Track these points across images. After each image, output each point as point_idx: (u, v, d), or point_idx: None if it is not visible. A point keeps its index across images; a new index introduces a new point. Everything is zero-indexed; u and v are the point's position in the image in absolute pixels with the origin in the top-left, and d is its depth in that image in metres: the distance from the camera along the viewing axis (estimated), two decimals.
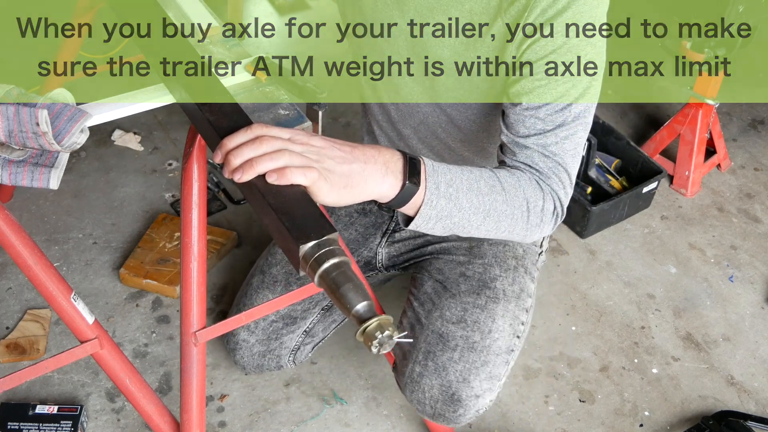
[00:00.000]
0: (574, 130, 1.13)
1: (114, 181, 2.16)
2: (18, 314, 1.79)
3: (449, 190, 1.01)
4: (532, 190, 1.10)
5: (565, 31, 1.08)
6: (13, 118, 0.95)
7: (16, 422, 1.55)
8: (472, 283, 1.42)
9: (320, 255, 0.83)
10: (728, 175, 2.40)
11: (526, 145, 1.13)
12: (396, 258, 1.59)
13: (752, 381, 1.82)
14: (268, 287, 1.57)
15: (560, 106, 1.11)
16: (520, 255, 1.48)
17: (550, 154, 1.12)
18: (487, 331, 1.37)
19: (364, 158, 0.95)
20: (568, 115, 1.12)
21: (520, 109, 1.12)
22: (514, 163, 1.14)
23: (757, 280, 2.07)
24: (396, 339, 0.80)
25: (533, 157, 1.13)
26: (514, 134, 1.13)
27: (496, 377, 1.38)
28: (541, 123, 1.12)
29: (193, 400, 1.21)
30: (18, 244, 1.07)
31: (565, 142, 1.13)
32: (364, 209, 1.62)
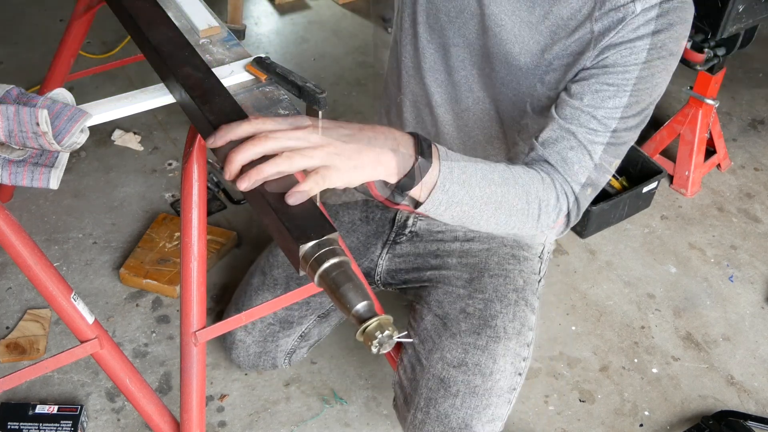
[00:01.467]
0: (622, 140, 1.13)
1: (114, 181, 2.16)
2: (18, 314, 1.79)
3: (463, 176, 0.98)
4: (546, 189, 1.09)
5: (651, 50, 1.09)
6: (13, 118, 0.95)
7: (16, 422, 1.55)
8: (473, 321, 1.38)
9: (320, 255, 0.83)
10: (728, 175, 2.40)
11: (575, 134, 1.11)
12: (395, 274, 1.57)
13: (752, 381, 1.82)
14: (268, 289, 1.56)
15: (619, 114, 1.11)
16: (520, 287, 1.45)
17: (591, 151, 1.12)
18: (489, 373, 1.34)
19: (373, 134, 0.92)
20: (623, 125, 1.12)
21: (579, 104, 1.12)
22: (546, 153, 1.13)
23: (757, 280, 2.07)
24: (396, 339, 0.80)
25: (572, 150, 1.12)
26: (565, 122, 1.12)
27: (499, 418, 1.36)
28: (596, 122, 1.11)
29: (193, 400, 1.21)
30: (18, 244, 1.07)
31: (609, 149, 1.13)
32: (367, 217, 1.59)
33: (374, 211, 1.59)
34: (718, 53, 2.09)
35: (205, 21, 1.23)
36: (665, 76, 1.12)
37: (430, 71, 1.33)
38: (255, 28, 2.84)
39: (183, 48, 1.09)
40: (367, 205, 1.60)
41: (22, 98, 1.00)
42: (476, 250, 1.49)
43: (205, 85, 1.03)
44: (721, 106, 2.56)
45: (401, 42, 1.36)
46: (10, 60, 2.54)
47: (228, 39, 1.22)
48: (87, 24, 1.68)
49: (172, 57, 1.07)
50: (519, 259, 1.48)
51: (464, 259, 1.48)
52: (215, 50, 1.19)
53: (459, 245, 1.50)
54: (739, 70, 2.81)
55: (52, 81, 1.76)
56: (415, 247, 1.54)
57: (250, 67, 1.15)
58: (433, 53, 1.31)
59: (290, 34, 2.83)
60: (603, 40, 1.11)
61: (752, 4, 1.92)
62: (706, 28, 1.97)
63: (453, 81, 1.31)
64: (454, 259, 1.49)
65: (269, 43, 2.78)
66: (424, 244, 1.53)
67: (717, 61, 2.12)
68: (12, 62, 2.53)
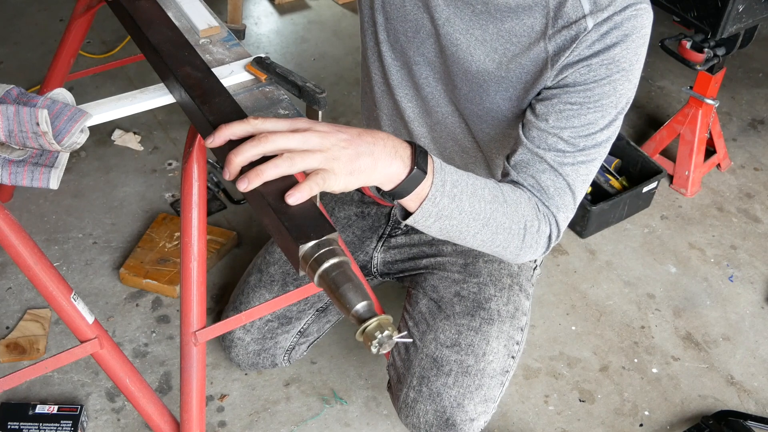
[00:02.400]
0: (592, 156, 1.13)
1: (114, 180, 2.16)
2: (18, 314, 1.79)
3: (454, 190, 0.99)
4: (531, 211, 1.10)
5: (609, 65, 1.08)
6: (13, 118, 0.95)
7: (16, 422, 1.55)
8: (467, 304, 1.41)
9: (320, 255, 0.83)
10: (728, 174, 2.40)
11: (543, 158, 1.11)
12: (391, 265, 1.58)
13: (752, 381, 1.82)
14: (265, 286, 1.57)
15: (586, 131, 1.11)
16: (515, 273, 1.46)
17: (562, 173, 1.12)
18: (482, 354, 1.36)
19: (372, 140, 0.92)
20: (591, 141, 1.12)
21: (545, 125, 1.12)
22: (520, 178, 1.13)
23: (757, 280, 2.07)
24: (396, 339, 0.80)
25: (544, 174, 1.12)
26: (533, 147, 1.12)
27: (491, 399, 1.37)
28: (563, 143, 1.11)
29: (193, 399, 1.21)
30: (18, 244, 1.07)
31: (580, 167, 1.13)
32: (362, 212, 1.61)
33: (370, 206, 1.61)
34: (718, 53, 2.09)
35: (205, 21, 1.23)
36: (628, 86, 1.11)
37: (398, 87, 1.33)
38: (255, 28, 2.84)
39: (183, 48, 1.09)
40: (363, 201, 1.62)
41: (22, 98, 1.00)
42: None
43: (205, 85, 1.03)
44: (721, 106, 2.56)
45: (368, 59, 1.37)
46: (10, 60, 2.54)
47: (228, 39, 1.22)
48: (87, 24, 1.68)
49: (172, 57, 1.07)
50: None
51: (459, 246, 1.50)
52: (215, 50, 1.19)
53: None
54: (739, 70, 2.81)
55: (52, 81, 1.76)
56: (410, 238, 1.56)
57: (250, 67, 1.15)
58: (399, 70, 1.31)
59: (290, 34, 2.83)
60: (559, 60, 1.11)
61: (752, 4, 1.92)
62: (706, 28, 1.97)
63: (421, 96, 1.32)
64: (449, 247, 1.51)
65: (269, 43, 2.78)
66: (420, 235, 1.55)
67: (717, 61, 2.12)
68: (12, 62, 2.53)
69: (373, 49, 1.34)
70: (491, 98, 1.22)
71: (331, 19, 2.92)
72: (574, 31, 1.09)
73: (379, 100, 1.40)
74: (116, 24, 1.24)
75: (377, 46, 1.32)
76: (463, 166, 1.37)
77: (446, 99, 1.30)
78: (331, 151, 0.88)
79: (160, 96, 1.10)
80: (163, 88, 1.11)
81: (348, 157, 0.89)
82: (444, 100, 1.30)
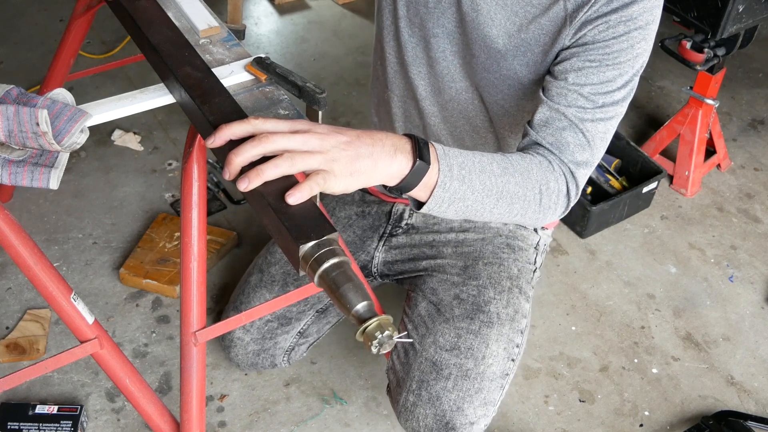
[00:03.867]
0: (610, 114, 1.15)
1: (114, 181, 2.16)
2: (18, 314, 1.79)
3: (462, 172, 1.00)
4: (544, 173, 1.10)
5: (627, 22, 1.10)
6: (13, 118, 0.95)
7: (16, 422, 1.55)
8: (466, 307, 1.40)
9: (320, 255, 0.83)
10: (728, 175, 2.40)
11: (564, 114, 1.13)
12: (391, 265, 1.58)
13: (752, 381, 1.82)
14: (265, 286, 1.57)
15: (605, 88, 1.13)
16: (514, 275, 1.46)
17: (582, 129, 1.13)
18: (481, 357, 1.36)
19: (371, 141, 0.92)
20: (609, 99, 1.14)
21: (564, 84, 1.13)
22: (540, 137, 1.14)
23: (757, 280, 2.07)
24: (396, 339, 0.80)
25: (565, 131, 1.13)
26: (553, 103, 1.14)
27: (491, 403, 1.37)
28: (583, 100, 1.13)
29: (193, 400, 1.21)
30: (18, 244, 1.07)
31: (599, 124, 1.14)
32: (363, 212, 1.61)
33: (370, 205, 1.61)
34: (718, 53, 2.09)
35: (204, 21, 1.23)
36: (645, 46, 1.14)
37: (412, 65, 1.34)
38: (255, 28, 2.84)
39: (183, 48, 1.09)
40: (364, 201, 1.62)
41: (22, 98, 1.00)
42: (471, 240, 1.50)
43: (205, 85, 1.03)
44: (721, 106, 2.56)
45: (384, 39, 1.37)
46: (10, 60, 2.54)
47: (228, 39, 1.22)
48: (87, 24, 1.68)
49: (172, 57, 1.07)
50: (514, 248, 1.50)
51: (459, 248, 1.50)
52: (215, 50, 1.19)
53: (454, 236, 1.52)
54: (739, 70, 2.81)
55: (52, 81, 1.76)
56: (411, 239, 1.55)
57: (250, 67, 1.15)
58: (415, 46, 1.32)
59: (290, 34, 2.83)
60: (577, 16, 1.13)
61: (752, 4, 1.92)
62: (706, 28, 1.97)
63: (435, 72, 1.33)
64: (449, 248, 1.51)
65: (269, 43, 2.78)
66: (420, 235, 1.55)
67: (717, 61, 2.12)
68: (12, 62, 2.53)
69: (389, 27, 1.35)
70: (509, 64, 1.23)
71: (331, 19, 2.92)
72: None
73: (391, 80, 1.41)
74: (116, 24, 1.24)
75: (395, 22, 1.33)
76: (473, 147, 1.38)
77: (461, 73, 1.30)
78: (330, 152, 0.89)
79: (160, 96, 1.10)
80: (163, 88, 1.11)
81: (348, 158, 0.90)
82: (459, 74, 1.31)
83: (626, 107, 1.17)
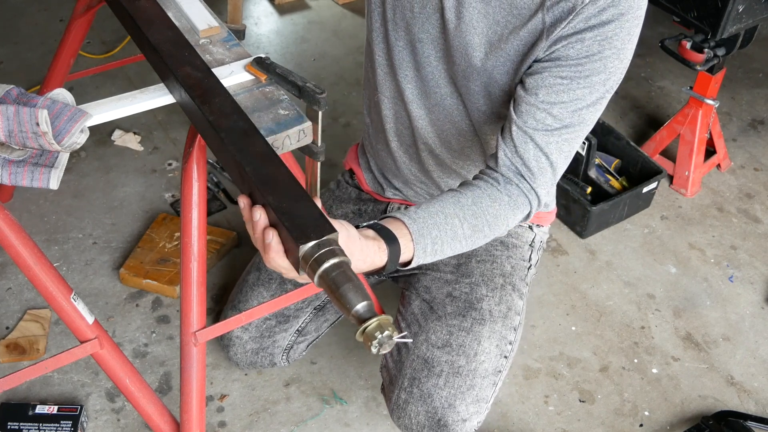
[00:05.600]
0: (576, 134, 1.16)
1: (114, 181, 2.16)
2: (18, 314, 1.79)
3: (435, 248, 1.08)
4: (513, 211, 1.16)
5: (602, 42, 1.10)
6: (13, 118, 0.95)
7: (16, 422, 1.55)
8: (459, 305, 1.41)
9: (320, 255, 0.83)
10: (728, 175, 2.40)
11: (532, 138, 1.14)
12: None
13: (752, 381, 1.82)
14: (263, 284, 1.57)
15: (573, 106, 1.13)
16: (507, 272, 1.47)
17: (547, 152, 1.15)
18: (473, 354, 1.36)
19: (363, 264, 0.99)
20: (577, 118, 1.14)
21: (535, 100, 1.14)
22: (508, 160, 1.16)
23: (757, 280, 2.07)
24: (396, 339, 0.80)
25: (529, 153, 1.15)
26: (522, 123, 1.15)
27: (483, 400, 1.37)
28: (551, 119, 1.13)
29: (193, 400, 1.21)
30: (18, 244, 1.07)
31: (564, 145, 1.16)
32: (359, 210, 1.62)
33: (367, 203, 1.61)
34: (718, 53, 2.09)
35: (205, 21, 1.23)
36: (618, 65, 1.13)
37: (400, 68, 1.35)
38: (255, 28, 2.84)
39: (183, 48, 1.10)
40: (360, 199, 1.62)
41: (22, 98, 1.00)
42: None
43: (205, 85, 1.03)
44: (721, 106, 2.56)
45: (373, 41, 1.38)
46: (10, 60, 2.54)
47: (228, 39, 1.22)
48: (87, 24, 1.68)
49: (172, 57, 1.07)
50: (507, 245, 1.51)
51: None
52: (215, 50, 1.19)
53: None
54: (739, 70, 2.81)
55: (52, 81, 1.76)
56: None
57: (250, 67, 1.15)
58: (402, 50, 1.32)
59: (290, 34, 2.83)
60: (554, 31, 1.13)
61: (752, 4, 1.92)
62: (706, 28, 1.97)
63: (422, 76, 1.33)
64: None
65: (269, 43, 2.78)
66: None
67: (717, 61, 2.12)
68: (12, 62, 2.53)
69: (379, 30, 1.35)
70: (488, 73, 1.23)
71: (331, 19, 2.92)
72: (571, 3, 1.11)
73: (381, 83, 1.41)
74: (116, 24, 1.24)
75: (384, 25, 1.33)
76: (460, 149, 1.39)
77: (446, 79, 1.31)
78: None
79: (160, 96, 1.10)
80: (163, 88, 1.11)
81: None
82: (443, 80, 1.31)
83: (592, 126, 1.18)
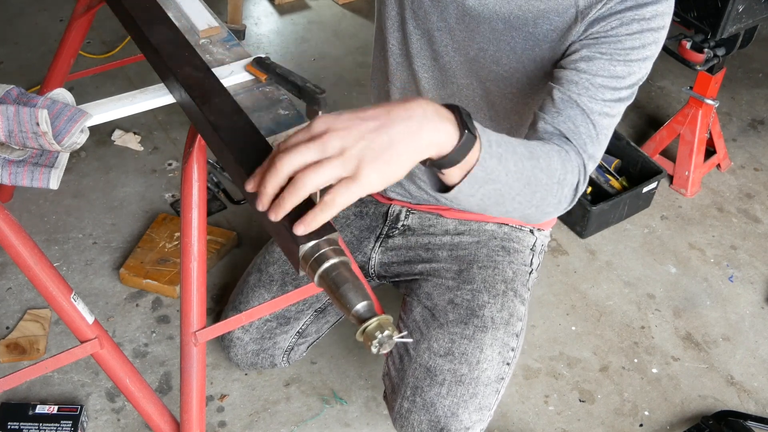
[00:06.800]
0: (615, 111, 1.12)
1: (114, 181, 2.16)
2: (18, 314, 1.79)
3: (499, 150, 0.90)
4: (563, 162, 1.04)
5: (641, 21, 1.09)
6: (13, 118, 0.95)
7: (16, 422, 1.55)
8: (460, 312, 1.39)
9: (320, 255, 0.83)
10: (728, 175, 2.40)
11: (577, 102, 1.08)
12: (387, 267, 1.58)
13: (752, 381, 1.82)
14: (264, 285, 1.57)
15: (613, 83, 1.11)
16: (509, 278, 1.45)
17: (593, 120, 1.09)
18: (475, 362, 1.35)
19: (406, 113, 0.81)
20: (616, 96, 1.11)
21: (576, 72, 1.10)
22: (556, 122, 1.09)
23: (757, 280, 2.07)
24: (396, 339, 0.80)
25: (578, 118, 1.09)
26: (565, 90, 1.10)
27: (486, 407, 1.36)
28: (594, 89, 1.10)
29: (193, 400, 1.21)
30: (18, 244, 1.07)
31: (605, 119, 1.11)
32: (361, 211, 1.61)
33: (368, 205, 1.61)
34: (718, 53, 2.09)
35: (205, 21, 1.23)
36: (654, 50, 1.12)
37: (417, 56, 1.32)
38: (255, 28, 2.84)
39: (183, 48, 1.09)
40: (361, 200, 1.62)
41: (22, 98, 1.00)
42: (466, 243, 1.50)
43: (205, 85, 1.03)
44: (721, 106, 2.56)
45: (387, 29, 1.35)
46: (10, 60, 2.54)
47: (228, 39, 1.22)
48: (87, 24, 1.68)
49: (172, 57, 1.07)
50: (509, 251, 1.49)
51: (454, 252, 1.50)
52: (215, 50, 1.19)
53: (449, 239, 1.51)
54: (739, 70, 2.81)
55: (52, 81, 1.76)
56: (407, 240, 1.55)
57: (250, 67, 1.15)
58: (419, 39, 1.30)
59: (290, 34, 2.83)
60: (589, 13, 1.11)
61: (752, 4, 1.92)
62: (706, 28, 1.97)
63: (439, 65, 1.31)
64: (444, 252, 1.51)
65: (269, 43, 2.78)
66: (416, 237, 1.55)
67: (717, 61, 2.12)
68: (12, 62, 2.53)
69: (394, 18, 1.32)
70: (518, 57, 1.21)
71: (331, 19, 2.92)
72: None
73: (393, 72, 1.38)
74: (116, 24, 1.24)
75: (401, 13, 1.30)
76: None
77: (464, 69, 1.28)
78: (353, 150, 0.78)
79: (160, 96, 1.10)
80: (163, 88, 1.11)
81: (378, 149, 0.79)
82: (462, 70, 1.29)
83: (624, 108, 1.15)
